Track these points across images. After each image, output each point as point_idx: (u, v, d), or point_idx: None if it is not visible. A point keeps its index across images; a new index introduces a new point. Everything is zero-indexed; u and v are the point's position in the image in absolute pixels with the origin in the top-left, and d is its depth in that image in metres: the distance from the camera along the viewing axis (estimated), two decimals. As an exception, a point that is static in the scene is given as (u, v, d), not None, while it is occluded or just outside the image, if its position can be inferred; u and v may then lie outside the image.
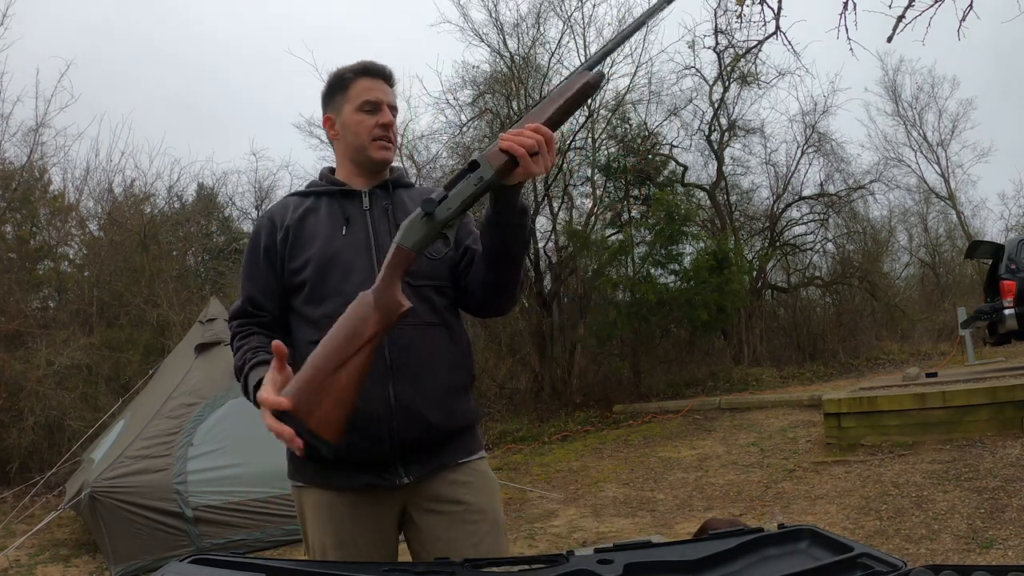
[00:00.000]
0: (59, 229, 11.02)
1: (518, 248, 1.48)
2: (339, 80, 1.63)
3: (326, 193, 1.64)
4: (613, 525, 5.24)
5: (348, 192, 1.63)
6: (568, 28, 12.07)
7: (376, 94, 1.60)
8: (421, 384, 1.50)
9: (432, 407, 1.51)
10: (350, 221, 1.59)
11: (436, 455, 1.53)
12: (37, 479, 6.89)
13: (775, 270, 14.89)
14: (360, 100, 1.60)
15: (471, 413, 1.61)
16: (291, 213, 1.62)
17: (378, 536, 1.54)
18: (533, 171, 1.28)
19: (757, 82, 13.25)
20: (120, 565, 4.64)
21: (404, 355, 1.49)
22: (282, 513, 5.10)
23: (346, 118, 1.61)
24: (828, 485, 5.34)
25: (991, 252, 9.36)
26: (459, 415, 1.56)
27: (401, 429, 1.48)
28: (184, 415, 5.31)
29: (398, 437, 1.48)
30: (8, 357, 8.19)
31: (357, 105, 1.60)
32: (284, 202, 1.68)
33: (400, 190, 1.68)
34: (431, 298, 1.55)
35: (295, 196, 1.69)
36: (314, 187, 1.68)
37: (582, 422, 9.93)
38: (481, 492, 1.58)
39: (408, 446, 1.49)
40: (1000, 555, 3.63)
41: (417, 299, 1.48)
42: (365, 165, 1.63)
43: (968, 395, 5.81)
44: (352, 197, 1.63)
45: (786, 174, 14.70)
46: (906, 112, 20.10)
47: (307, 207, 1.63)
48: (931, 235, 19.24)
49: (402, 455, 1.50)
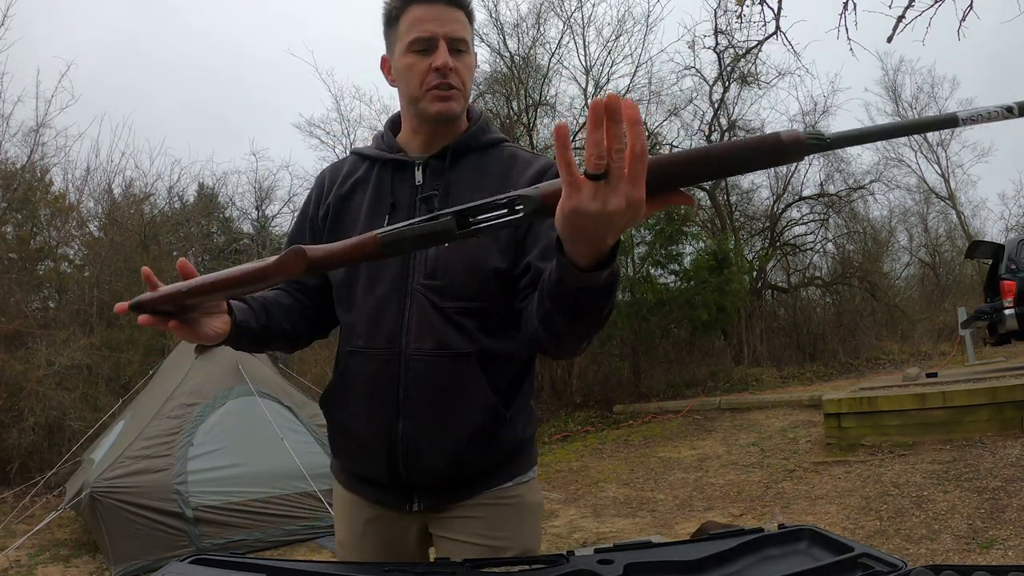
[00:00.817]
0: (59, 229, 11.02)
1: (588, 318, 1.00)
2: (388, 12, 1.31)
3: (379, 161, 1.36)
4: (613, 525, 5.24)
5: (401, 163, 1.33)
6: (568, 28, 12.09)
7: (428, 27, 1.24)
8: (435, 425, 1.26)
9: (442, 454, 1.27)
10: (396, 208, 1.29)
11: (451, 491, 1.32)
12: (37, 479, 6.88)
13: (775, 270, 14.89)
14: (409, 38, 1.26)
15: (500, 451, 1.31)
16: (340, 182, 1.37)
17: (393, 550, 1.37)
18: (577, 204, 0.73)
19: (757, 82, 13.25)
20: (120, 565, 4.64)
21: (418, 389, 1.25)
22: (282, 513, 5.11)
23: (397, 61, 1.29)
24: (828, 485, 5.33)
25: (991, 252, 9.36)
26: (481, 458, 1.30)
27: (408, 472, 1.28)
28: (184, 415, 5.30)
29: (404, 477, 1.29)
30: (8, 357, 8.18)
31: (406, 44, 1.26)
32: (341, 163, 1.43)
33: (469, 157, 1.32)
34: (462, 323, 1.26)
35: (356, 155, 1.41)
36: (374, 148, 1.39)
37: (582, 422, 9.93)
38: (503, 525, 1.33)
39: (416, 485, 1.31)
40: (1000, 555, 3.62)
41: (443, 323, 1.25)
42: (424, 120, 1.31)
43: (968, 395, 5.81)
44: (405, 170, 1.33)
45: (786, 174, 14.70)
46: (906, 112, 20.10)
47: (358, 178, 1.36)
48: (931, 235, 19.25)
49: (412, 488, 1.31)
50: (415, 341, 1.25)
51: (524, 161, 1.32)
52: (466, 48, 1.27)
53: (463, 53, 1.27)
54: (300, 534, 5.15)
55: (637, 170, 0.71)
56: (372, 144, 1.41)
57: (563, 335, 1.07)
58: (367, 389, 1.29)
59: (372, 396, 1.28)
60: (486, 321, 1.26)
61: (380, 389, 1.27)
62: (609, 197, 0.71)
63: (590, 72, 12.19)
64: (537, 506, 1.40)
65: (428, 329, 1.25)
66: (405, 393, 1.26)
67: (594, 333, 1.07)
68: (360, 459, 1.35)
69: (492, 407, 1.27)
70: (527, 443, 1.37)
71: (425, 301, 1.26)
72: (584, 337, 1.08)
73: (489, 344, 1.27)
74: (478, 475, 1.31)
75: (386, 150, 1.36)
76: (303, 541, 5.15)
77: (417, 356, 1.24)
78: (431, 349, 1.24)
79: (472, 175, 1.30)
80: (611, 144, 0.69)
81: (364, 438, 1.31)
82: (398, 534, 1.37)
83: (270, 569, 0.93)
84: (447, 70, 1.24)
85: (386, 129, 1.40)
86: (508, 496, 1.34)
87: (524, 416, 1.35)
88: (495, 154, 1.34)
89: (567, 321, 1.03)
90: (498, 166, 1.31)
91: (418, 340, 1.25)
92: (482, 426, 1.27)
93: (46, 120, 10.26)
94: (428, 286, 1.26)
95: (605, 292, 0.95)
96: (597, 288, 0.92)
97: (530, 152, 1.36)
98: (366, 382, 1.29)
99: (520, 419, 1.33)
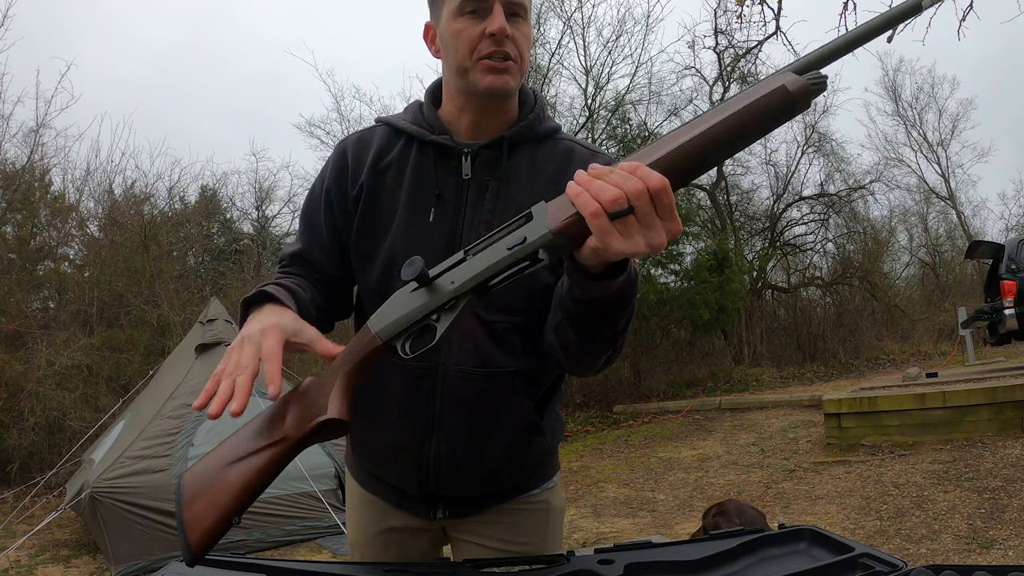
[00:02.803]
0: (59, 230, 11.03)
1: (603, 331, 0.97)
2: None
3: (418, 140, 1.17)
4: (613, 525, 5.24)
5: (446, 149, 1.15)
6: (568, 28, 12.08)
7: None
8: (471, 443, 1.17)
9: (475, 471, 1.19)
10: (441, 199, 1.13)
11: (480, 501, 1.26)
12: (37, 479, 6.88)
13: (775, 270, 14.89)
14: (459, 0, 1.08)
15: (532, 463, 1.25)
16: (371, 161, 1.17)
17: (409, 553, 1.32)
18: (615, 247, 0.73)
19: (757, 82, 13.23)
20: (120, 565, 4.64)
21: (455, 406, 1.15)
22: (282, 513, 5.11)
23: (443, 27, 1.12)
24: (828, 485, 5.33)
25: (991, 252, 9.36)
26: (514, 473, 1.24)
27: (438, 486, 1.20)
28: (184, 415, 5.31)
29: (433, 490, 1.21)
30: (8, 358, 8.18)
31: (456, 6, 1.09)
32: (369, 133, 1.21)
33: (523, 149, 1.16)
34: (507, 340, 1.14)
35: (386, 126, 1.21)
36: (410, 122, 1.19)
37: (582, 422, 9.93)
38: (528, 531, 1.27)
39: (444, 498, 1.24)
40: (1000, 555, 3.62)
41: (488, 339, 1.14)
42: (473, 97, 1.12)
43: (968, 395, 5.81)
44: (450, 157, 1.15)
45: (786, 174, 14.73)
46: (906, 112, 20.12)
47: (392, 159, 1.17)
48: (931, 235, 19.23)
49: (439, 499, 1.24)
50: (456, 357, 1.14)
51: (582, 159, 1.16)
52: (524, 14, 1.10)
53: (521, 19, 1.09)
54: (300, 534, 5.16)
55: (661, 208, 0.72)
56: (407, 116, 1.20)
57: (576, 351, 1.02)
58: (399, 402, 1.18)
59: (407, 409, 1.18)
60: (531, 338, 1.14)
61: (413, 403, 1.17)
62: (650, 232, 0.72)
63: (590, 72, 12.19)
64: (561, 511, 1.34)
65: (471, 345, 1.14)
66: (441, 410, 1.15)
67: (612, 348, 1.01)
68: (385, 467, 1.27)
69: (531, 424, 1.19)
70: (554, 451, 1.30)
71: (471, 315, 1.10)
72: (600, 351, 1.01)
73: (533, 362, 1.16)
74: (509, 488, 1.26)
75: (427, 128, 1.16)
76: (303, 541, 5.15)
77: (458, 373, 1.13)
78: (473, 367, 1.13)
79: (526, 170, 1.15)
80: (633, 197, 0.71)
81: (392, 450, 1.21)
82: (416, 538, 1.31)
83: (270, 569, 0.93)
84: (504, 36, 1.06)
85: (427, 101, 1.20)
86: (535, 502, 1.28)
87: (553, 425, 1.28)
88: (551, 147, 1.18)
89: (580, 334, 0.98)
90: (554, 161, 1.16)
91: (460, 356, 1.14)
92: (519, 443, 1.19)
93: (46, 120, 10.26)
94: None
95: (620, 301, 0.89)
96: (610, 298, 0.87)
97: (588, 148, 1.20)
98: (398, 395, 1.18)
99: (550, 429, 1.26)
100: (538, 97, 1.22)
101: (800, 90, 0.76)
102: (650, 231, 0.73)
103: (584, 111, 12.17)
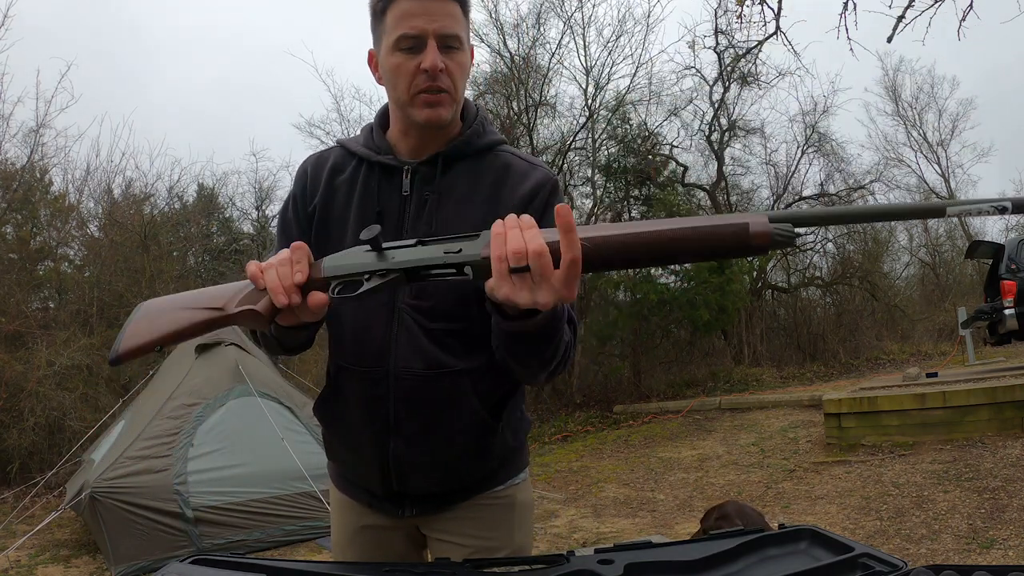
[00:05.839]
0: (59, 230, 11.02)
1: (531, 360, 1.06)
2: (373, 2, 1.19)
3: (367, 161, 1.26)
4: (613, 525, 5.24)
5: (389, 168, 1.24)
6: (568, 28, 12.09)
7: (417, 23, 1.12)
8: (427, 443, 1.25)
9: (434, 470, 1.27)
10: (383, 216, 1.21)
11: (443, 498, 1.32)
12: (37, 479, 6.88)
13: (775, 270, 14.89)
14: (396, 34, 1.13)
15: (492, 461, 1.31)
16: (325, 180, 1.27)
17: (385, 551, 1.39)
18: (503, 292, 0.83)
19: (757, 82, 13.25)
20: (120, 566, 4.64)
21: (408, 408, 1.23)
22: (282, 513, 5.11)
23: (383, 60, 1.18)
24: (828, 485, 5.34)
25: (991, 252, 9.36)
26: (473, 471, 1.30)
27: (401, 485, 1.28)
28: (184, 415, 5.30)
29: (396, 489, 1.29)
30: (8, 358, 8.18)
31: (393, 42, 1.14)
32: (326, 153, 1.31)
33: (462, 164, 1.23)
34: (449, 343, 1.23)
35: (342, 148, 1.30)
36: (362, 144, 1.28)
37: (582, 422, 9.93)
38: (496, 525, 1.33)
39: (408, 495, 1.31)
40: (1000, 555, 3.62)
41: (431, 343, 1.22)
42: (411, 126, 1.22)
43: (968, 395, 5.81)
44: (393, 175, 1.24)
45: (786, 174, 14.73)
46: (906, 112, 20.10)
47: (344, 179, 1.27)
48: (931, 235, 19.21)
49: (404, 497, 1.32)
50: (403, 360, 1.22)
51: (519, 173, 1.23)
52: (459, 45, 1.16)
53: (455, 51, 1.15)
54: (300, 534, 5.15)
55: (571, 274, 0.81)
56: (360, 139, 1.30)
57: (513, 368, 1.11)
58: (359, 406, 1.28)
59: (364, 413, 1.27)
60: (471, 340, 1.22)
61: (371, 407, 1.25)
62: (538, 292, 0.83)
63: (590, 72, 12.19)
64: (529, 505, 1.40)
65: (416, 349, 1.22)
66: (396, 411, 1.23)
67: (545, 372, 1.09)
68: (356, 469, 1.37)
69: (482, 422, 1.25)
70: (519, 449, 1.37)
71: (412, 321, 1.22)
72: (536, 372, 1.09)
73: (478, 361, 1.23)
74: (470, 484, 1.32)
75: (374, 150, 1.26)
76: (303, 541, 5.15)
77: (406, 375, 1.22)
78: (420, 369, 1.22)
79: (464, 184, 1.22)
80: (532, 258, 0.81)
81: (357, 451, 1.32)
82: (390, 536, 1.38)
83: (270, 569, 0.93)
84: (436, 72, 1.13)
85: (376, 125, 1.29)
86: (500, 497, 1.34)
87: (515, 425, 1.33)
88: (489, 161, 1.25)
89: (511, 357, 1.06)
90: (491, 175, 1.23)
91: (407, 359, 1.22)
92: (473, 441, 1.26)
93: (46, 120, 10.25)
94: (415, 306, 1.22)
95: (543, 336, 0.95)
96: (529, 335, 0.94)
97: (526, 160, 1.26)
98: (357, 399, 1.27)
99: (511, 428, 1.32)
100: (479, 111, 1.29)
101: (761, 234, 0.78)
102: (539, 291, 0.83)
103: (584, 111, 12.18)
